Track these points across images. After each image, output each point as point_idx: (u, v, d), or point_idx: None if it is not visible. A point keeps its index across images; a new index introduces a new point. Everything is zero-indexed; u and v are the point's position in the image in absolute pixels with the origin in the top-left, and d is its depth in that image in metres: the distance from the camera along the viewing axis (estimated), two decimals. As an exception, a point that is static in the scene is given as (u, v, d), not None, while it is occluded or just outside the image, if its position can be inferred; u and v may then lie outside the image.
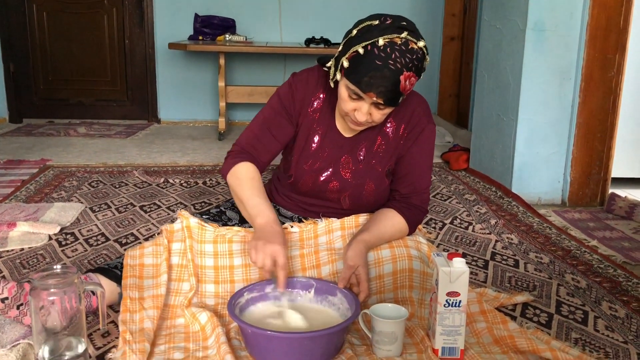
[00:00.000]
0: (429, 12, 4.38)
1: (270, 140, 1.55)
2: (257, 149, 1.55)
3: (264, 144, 1.55)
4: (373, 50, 1.32)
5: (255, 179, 1.48)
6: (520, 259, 1.91)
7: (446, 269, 1.24)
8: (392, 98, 1.35)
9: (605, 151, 2.58)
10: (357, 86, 1.35)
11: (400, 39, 1.32)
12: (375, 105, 1.38)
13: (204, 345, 1.29)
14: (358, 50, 1.34)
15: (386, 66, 1.31)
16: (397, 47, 1.31)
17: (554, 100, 2.56)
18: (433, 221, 2.26)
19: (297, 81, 1.56)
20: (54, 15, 4.23)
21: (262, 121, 1.57)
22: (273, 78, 4.32)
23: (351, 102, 1.40)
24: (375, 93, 1.34)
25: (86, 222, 2.15)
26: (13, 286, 1.35)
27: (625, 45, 2.48)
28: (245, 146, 1.56)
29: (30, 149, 3.38)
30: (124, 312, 1.32)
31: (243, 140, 1.57)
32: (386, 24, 1.34)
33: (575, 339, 1.41)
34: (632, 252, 2.03)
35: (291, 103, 1.55)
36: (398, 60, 1.31)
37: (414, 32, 1.35)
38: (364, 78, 1.33)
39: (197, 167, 3.05)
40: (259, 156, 1.55)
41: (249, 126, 1.59)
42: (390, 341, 1.25)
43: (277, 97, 1.58)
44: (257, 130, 1.56)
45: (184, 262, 1.46)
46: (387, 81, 1.32)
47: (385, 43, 1.31)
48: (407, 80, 1.34)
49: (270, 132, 1.55)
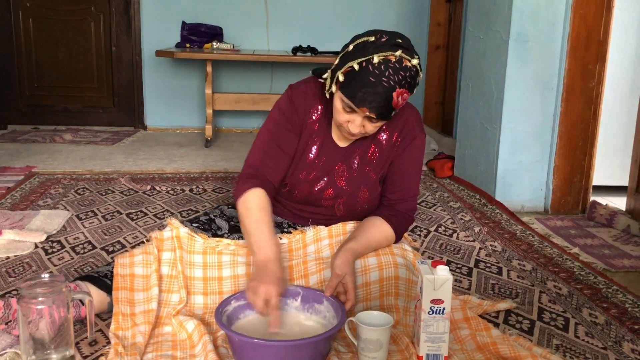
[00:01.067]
0: (415, 21, 4.43)
1: (280, 156, 1.56)
2: (268, 168, 1.54)
3: (275, 161, 1.55)
4: (368, 67, 1.35)
5: (264, 209, 1.46)
6: (503, 266, 1.95)
7: (430, 277, 1.26)
8: (385, 113, 1.39)
9: (586, 159, 2.64)
10: (351, 100, 1.38)
11: (394, 56, 1.35)
12: (368, 118, 1.42)
13: (191, 353, 1.30)
14: (353, 66, 1.37)
15: (379, 83, 1.34)
16: (391, 64, 1.34)
17: (537, 110, 2.61)
18: (418, 229, 2.29)
19: (296, 94, 1.58)
20: (39, 21, 4.22)
21: (268, 138, 1.57)
22: (260, 86, 4.34)
23: (345, 114, 1.43)
24: (368, 108, 1.37)
25: (72, 230, 2.15)
26: (0, 307, 1.35)
27: (605, 56, 2.54)
28: (258, 167, 1.54)
29: (15, 155, 3.36)
30: (117, 330, 1.33)
31: (253, 161, 1.56)
32: (382, 41, 1.37)
33: (557, 345, 1.44)
34: (612, 259, 2.07)
35: (294, 114, 1.57)
36: (391, 77, 1.34)
37: (409, 49, 1.38)
38: (357, 93, 1.36)
39: (184, 174, 3.06)
40: (271, 176, 1.54)
41: (256, 145, 1.58)
42: (376, 348, 1.27)
43: (279, 110, 1.58)
44: (266, 148, 1.56)
45: (174, 272, 1.47)
46: (379, 97, 1.35)
47: (380, 60, 1.34)
48: (399, 96, 1.37)
49: (279, 147, 1.55)
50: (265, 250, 1.38)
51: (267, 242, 1.40)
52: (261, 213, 1.45)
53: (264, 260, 1.37)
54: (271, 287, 1.30)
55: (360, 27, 1.60)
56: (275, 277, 1.33)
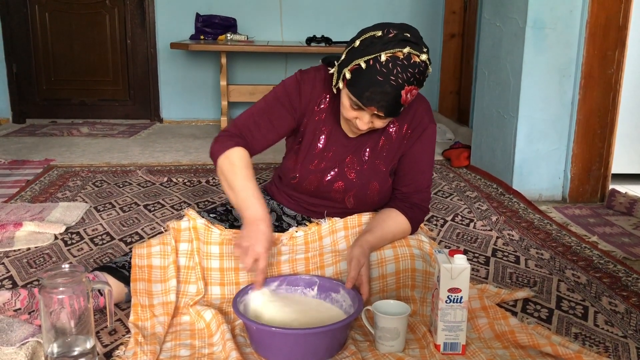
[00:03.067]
0: (430, 10, 4.39)
1: (268, 129, 1.53)
2: (253, 136, 1.52)
3: (262, 131, 1.53)
4: (375, 66, 1.32)
5: (249, 168, 1.45)
6: (521, 255, 1.93)
7: (447, 266, 1.26)
8: (393, 110, 1.37)
9: (605, 147, 2.60)
10: (358, 99, 1.37)
11: (402, 53, 1.31)
12: (376, 115, 1.40)
13: (210, 342, 1.31)
14: (360, 64, 1.34)
15: (387, 82, 1.32)
16: (399, 62, 1.31)
17: (554, 98, 2.58)
18: (434, 218, 2.28)
19: (305, 79, 1.55)
20: (55, 15, 4.25)
21: (263, 108, 1.55)
22: (274, 77, 4.34)
23: (353, 111, 1.42)
24: (376, 107, 1.36)
25: (91, 222, 2.17)
26: (25, 297, 1.37)
27: (625, 42, 2.50)
28: (243, 129, 1.52)
29: (34, 149, 3.40)
30: (136, 321, 1.34)
31: (241, 123, 1.54)
32: (389, 36, 1.33)
33: (575, 333, 1.43)
34: (632, 247, 2.04)
35: (297, 97, 1.54)
36: (400, 75, 1.31)
37: (417, 44, 1.34)
38: (365, 93, 1.34)
39: (200, 166, 3.07)
40: (254, 143, 1.52)
41: (249, 111, 1.56)
42: (393, 337, 1.27)
43: (283, 87, 1.56)
44: (257, 117, 1.54)
45: (191, 264, 1.47)
46: (388, 96, 1.33)
47: (388, 58, 1.31)
48: (408, 93, 1.35)
49: (270, 121, 1.53)
50: (255, 208, 1.38)
51: (257, 199, 1.40)
52: (247, 170, 1.44)
53: (254, 218, 1.37)
54: (260, 247, 1.32)
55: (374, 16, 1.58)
56: (264, 237, 1.34)
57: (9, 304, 1.36)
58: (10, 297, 1.37)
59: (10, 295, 1.37)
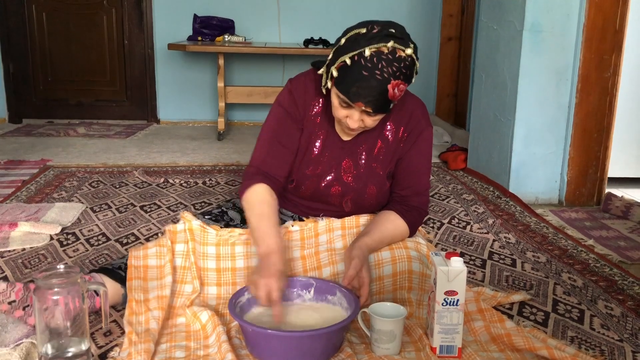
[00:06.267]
0: (427, 13, 4.40)
1: (282, 153, 1.54)
2: (271, 166, 1.53)
3: (277, 158, 1.54)
4: (360, 61, 1.32)
5: (265, 202, 1.45)
6: (517, 258, 1.93)
7: (444, 268, 1.26)
8: (381, 106, 1.37)
9: (601, 151, 2.61)
10: (345, 96, 1.37)
11: (387, 47, 1.32)
12: (365, 112, 1.40)
13: (205, 343, 1.31)
14: (345, 61, 1.35)
15: (373, 76, 1.32)
16: (383, 56, 1.31)
17: (551, 101, 2.58)
18: (431, 221, 2.28)
19: (296, 87, 1.56)
20: (53, 15, 4.24)
21: (270, 135, 1.55)
22: (272, 78, 4.34)
23: (342, 110, 1.42)
24: (363, 103, 1.35)
25: (87, 222, 2.16)
26: (20, 289, 1.37)
27: (622, 46, 2.50)
28: (260, 165, 1.53)
29: (30, 149, 3.39)
30: (130, 315, 1.34)
31: (256, 159, 1.55)
32: (373, 32, 1.34)
33: (571, 337, 1.43)
34: (628, 251, 2.05)
35: (295, 108, 1.55)
36: (385, 70, 1.32)
37: (402, 39, 1.34)
38: (351, 88, 1.34)
39: (197, 167, 3.07)
40: (274, 173, 1.53)
41: (258, 143, 1.57)
42: (389, 339, 1.27)
43: (279, 105, 1.57)
44: (267, 146, 1.55)
45: (187, 264, 1.47)
46: (374, 91, 1.33)
47: (372, 53, 1.32)
48: (394, 88, 1.34)
49: (281, 144, 1.54)
50: (267, 242, 1.37)
51: (268, 234, 1.39)
52: (262, 206, 1.45)
53: (266, 252, 1.36)
54: (272, 281, 1.28)
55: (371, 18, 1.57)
56: (275, 269, 1.31)
57: (4, 294, 1.36)
58: (5, 288, 1.37)
59: (6, 286, 1.37)
